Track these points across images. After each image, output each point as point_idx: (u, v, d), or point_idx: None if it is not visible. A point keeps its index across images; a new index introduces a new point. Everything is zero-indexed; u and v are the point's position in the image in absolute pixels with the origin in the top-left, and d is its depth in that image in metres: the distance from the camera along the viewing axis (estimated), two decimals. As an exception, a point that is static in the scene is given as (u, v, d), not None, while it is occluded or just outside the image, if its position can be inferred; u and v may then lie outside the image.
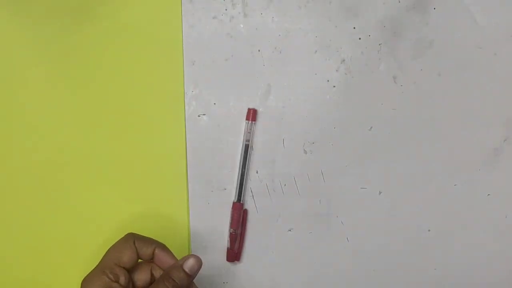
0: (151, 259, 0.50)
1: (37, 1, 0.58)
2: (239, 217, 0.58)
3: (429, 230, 0.58)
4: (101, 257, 0.48)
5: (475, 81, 0.58)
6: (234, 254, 0.59)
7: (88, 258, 0.59)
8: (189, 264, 0.48)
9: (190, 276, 0.48)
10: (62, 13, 0.58)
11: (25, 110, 0.59)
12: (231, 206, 0.58)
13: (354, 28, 0.58)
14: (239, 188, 0.58)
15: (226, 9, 0.59)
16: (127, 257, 0.49)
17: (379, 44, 0.58)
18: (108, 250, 0.50)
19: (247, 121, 0.58)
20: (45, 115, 0.59)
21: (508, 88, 0.58)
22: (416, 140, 0.58)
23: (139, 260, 0.51)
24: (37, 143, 0.59)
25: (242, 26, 0.59)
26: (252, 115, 0.58)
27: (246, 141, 0.58)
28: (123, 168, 0.59)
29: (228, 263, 0.59)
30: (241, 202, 0.58)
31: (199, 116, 0.59)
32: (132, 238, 0.50)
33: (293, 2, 0.58)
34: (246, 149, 0.58)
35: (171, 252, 0.50)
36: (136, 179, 0.59)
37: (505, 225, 0.58)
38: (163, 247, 0.50)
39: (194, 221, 0.59)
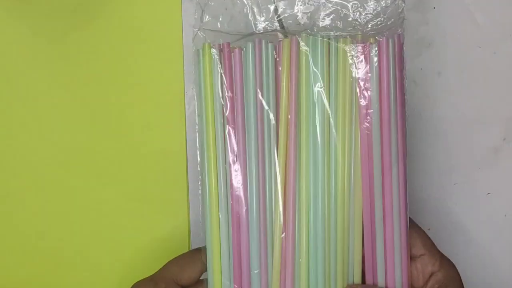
0: None
1: (37, 1, 0.58)
2: (240, 217, 0.57)
3: (429, 229, 0.58)
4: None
5: (475, 80, 0.58)
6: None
7: (88, 257, 0.59)
8: None
9: None
10: (62, 13, 0.58)
11: (25, 110, 0.59)
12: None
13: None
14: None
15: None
16: (188, 273, 0.45)
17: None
18: (169, 261, 0.46)
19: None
20: (45, 115, 0.59)
21: (508, 87, 0.58)
22: (416, 139, 0.58)
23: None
24: (37, 142, 0.59)
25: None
26: None
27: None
28: (123, 167, 0.59)
29: (228, 263, 0.59)
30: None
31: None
32: (200, 253, 0.47)
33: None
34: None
35: None
36: (136, 178, 0.59)
37: (505, 224, 0.59)
38: None
39: (194, 220, 0.59)
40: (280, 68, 0.47)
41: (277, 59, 0.47)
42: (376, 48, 0.46)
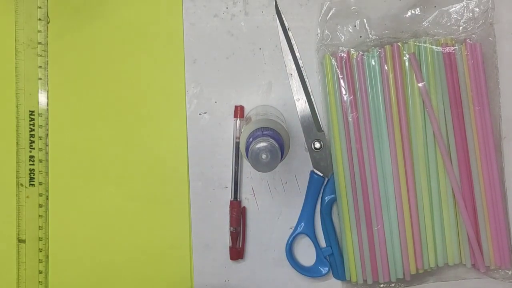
0: None
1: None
2: (238, 215, 0.58)
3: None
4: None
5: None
6: (237, 252, 0.58)
7: (90, 256, 0.60)
8: None
9: None
10: (63, 13, 0.59)
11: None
12: (230, 204, 0.59)
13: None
14: (234, 186, 0.58)
15: (227, 7, 0.59)
16: None
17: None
18: None
19: (235, 119, 0.58)
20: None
21: (508, 86, 0.57)
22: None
23: None
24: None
25: (243, 24, 0.59)
26: (239, 112, 0.58)
27: (237, 138, 0.58)
28: (124, 166, 0.59)
29: (229, 261, 0.59)
30: (238, 200, 0.58)
31: (200, 114, 0.59)
32: None
33: (294, 0, 0.58)
34: (237, 147, 0.58)
35: None
36: (137, 177, 0.59)
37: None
38: None
39: (195, 219, 0.59)
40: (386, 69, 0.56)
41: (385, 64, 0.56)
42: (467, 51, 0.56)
